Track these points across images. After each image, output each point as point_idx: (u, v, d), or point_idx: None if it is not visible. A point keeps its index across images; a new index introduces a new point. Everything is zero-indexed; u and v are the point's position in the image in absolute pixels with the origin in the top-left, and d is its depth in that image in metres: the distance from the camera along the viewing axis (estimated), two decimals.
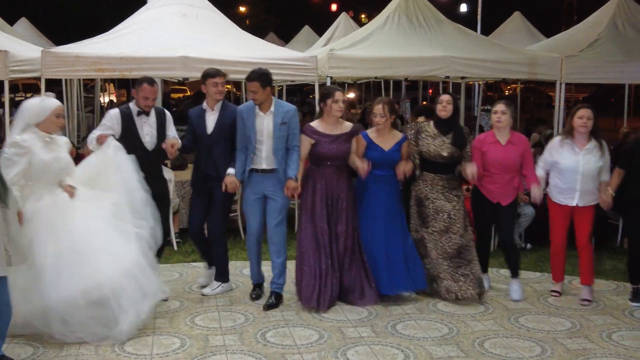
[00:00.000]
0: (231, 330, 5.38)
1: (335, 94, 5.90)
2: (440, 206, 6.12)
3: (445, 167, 6.14)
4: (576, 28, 11.41)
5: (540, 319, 5.74)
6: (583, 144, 6.03)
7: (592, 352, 5.03)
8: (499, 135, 6.17)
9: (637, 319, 5.75)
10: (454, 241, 6.10)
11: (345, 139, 5.98)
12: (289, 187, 5.86)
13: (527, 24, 16.14)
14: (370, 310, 5.87)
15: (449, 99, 6.14)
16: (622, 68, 9.08)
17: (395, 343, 5.16)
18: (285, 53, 8.69)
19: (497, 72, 9.21)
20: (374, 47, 8.76)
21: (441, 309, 5.95)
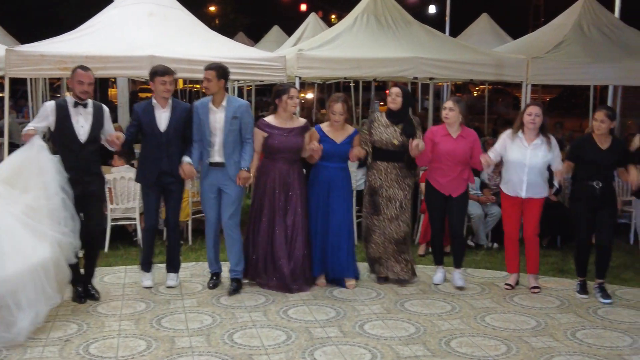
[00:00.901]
0: (198, 332, 5.34)
1: (290, 91, 6.31)
2: (393, 194, 6.47)
3: (397, 155, 6.43)
4: (542, 30, 11.57)
5: (506, 317, 5.80)
6: (531, 139, 6.32)
7: (556, 350, 5.09)
8: (450, 129, 6.43)
9: (601, 317, 5.83)
10: (402, 229, 6.52)
11: (298, 133, 6.33)
12: (240, 177, 6.19)
13: (494, 25, 16.31)
14: (338, 310, 5.88)
15: (398, 91, 6.46)
16: (587, 69, 9.22)
17: (363, 343, 5.17)
18: (253, 53, 8.66)
19: (465, 73, 9.29)
20: (343, 47, 8.78)
21: (408, 308, 5.98)
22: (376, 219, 6.51)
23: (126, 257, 7.48)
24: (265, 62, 8.13)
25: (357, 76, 11.64)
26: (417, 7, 27.37)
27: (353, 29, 9.15)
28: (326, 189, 6.39)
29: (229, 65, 7.86)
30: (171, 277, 6.46)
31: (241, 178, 6.19)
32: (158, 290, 6.35)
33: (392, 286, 6.56)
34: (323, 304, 6.04)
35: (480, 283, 6.78)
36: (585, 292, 6.35)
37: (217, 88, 6.14)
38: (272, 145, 6.27)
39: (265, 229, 6.32)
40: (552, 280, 6.89)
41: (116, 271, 6.97)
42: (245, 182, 6.28)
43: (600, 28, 9.97)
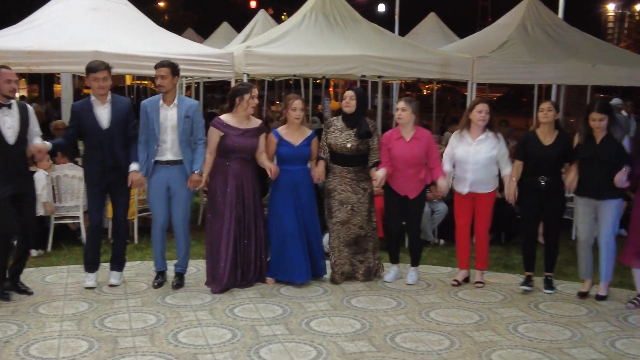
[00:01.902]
0: (141, 332, 5.27)
1: (253, 90, 6.22)
2: (345, 198, 6.42)
3: (352, 159, 6.39)
4: (488, 30, 11.76)
5: (450, 312, 5.88)
6: (476, 135, 6.38)
7: (498, 344, 5.19)
8: (403, 132, 6.44)
9: (542, 311, 5.96)
10: (353, 231, 6.47)
11: (253, 133, 6.27)
12: (191, 181, 6.13)
13: (441, 25, 16.52)
14: (285, 308, 5.87)
15: (351, 94, 6.42)
16: (531, 69, 9.42)
17: (309, 340, 5.18)
18: (201, 49, 8.59)
19: (412, 71, 9.39)
20: (291, 44, 8.77)
21: (355, 305, 6.02)
22: (330, 222, 6.50)
23: (69, 256, 7.33)
24: (213, 59, 8.07)
25: (305, 74, 11.64)
26: (367, 5, 27.56)
27: (301, 26, 9.15)
28: (293, 191, 6.35)
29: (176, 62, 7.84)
30: (114, 275, 6.36)
31: (192, 181, 6.12)
32: (101, 290, 6.24)
33: (340, 284, 6.58)
34: (270, 301, 6.03)
35: (426, 279, 6.85)
36: (530, 284, 6.45)
37: (172, 85, 6.08)
38: (227, 145, 6.18)
39: (221, 231, 6.20)
40: (496, 275, 7.02)
41: (58, 271, 6.83)
42: (197, 186, 6.20)
43: (544, 28, 10.20)
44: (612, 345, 5.22)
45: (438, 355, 4.94)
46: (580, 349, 5.13)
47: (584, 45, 10.15)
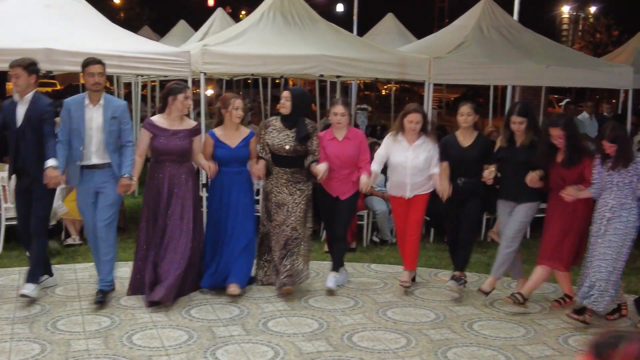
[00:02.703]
0: (95, 334, 5.18)
1: (187, 91, 6.00)
2: (282, 200, 6.24)
3: (290, 160, 6.23)
4: (444, 31, 11.85)
5: (407, 311, 5.92)
6: (413, 140, 6.34)
7: (454, 342, 5.24)
8: (336, 133, 6.38)
9: (497, 309, 6.05)
10: (285, 233, 6.26)
11: (186, 135, 6.03)
12: (121, 185, 5.81)
13: (399, 25, 16.60)
14: (242, 308, 5.84)
15: (287, 95, 6.26)
16: (486, 70, 9.51)
17: (266, 340, 5.16)
18: (156, 47, 8.47)
19: (370, 71, 9.40)
20: (249, 43, 8.70)
21: (312, 304, 6.01)
22: (270, 225, 6.32)
23: (21, 258, 7.15)
24: (169, 57, 7.95)
25: (263, 73, 11.60)
26: (325, 5, 27.60)
27: (259, 25, 9.08)
28: (227, 194, 6.18)
29: (130, 60, 7.73)
30: (27, 286, 5.76)
31: (122, 185, 5.80)
32: (54, 292, 6.12)
33: None
34: (227, 302, 5.98)
35: (384, 278, 6.90)
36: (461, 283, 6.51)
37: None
38: (156, 147, 5.96)
39: (148, 237, 5.99)
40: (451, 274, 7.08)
41: (10, 273, 6.68)
42: (127, 190, 5.88)
43: (499, 30, 10.29)
44: (565, 342, 5.32)
45: (394, 354, 4.97)
46: (534, 345, 5.22)
47: (538, 46, 10.29)
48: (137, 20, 27.79)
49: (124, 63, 7.71)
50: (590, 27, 36.29)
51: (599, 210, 5.61)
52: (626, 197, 5.50)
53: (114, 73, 7.33)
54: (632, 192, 5.50)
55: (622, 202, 5.50)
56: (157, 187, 5.99)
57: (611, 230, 5.51)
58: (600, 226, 5.57)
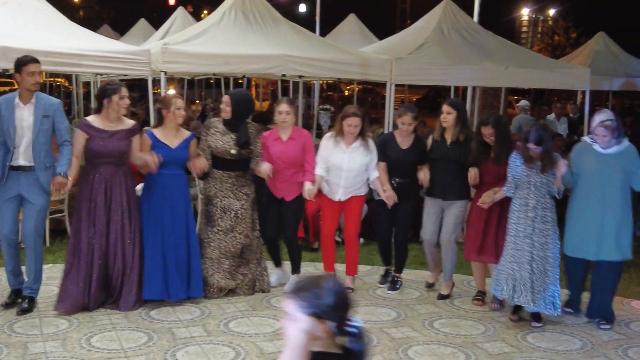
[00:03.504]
0: (53, 337, 5.10)
1: (122, 90, 5.70)
2: (228, 204, 6.09)
3: (234, 164, 6.08)
4: (406, 32, 11.94)
5: (369, 310, 5.95)
6: (350, 142, 6.29)
7: (414, 340, 5.28)
8: (281, 132, 6.27)
9: (457, 307, 6.11)
10: (239, 240, 6.11)
11: (124, 136, 5.74)
12: (55, 182, 5.56)
13: (361, 26, 16.68)
14: (203, 309, 5.80)
15: (227, 100, 6.11)
16: (447, 71, 9.62)
17: (227, 341, 5.13)
18: (116, 46, 8.37)
19: (332, 71, 9.43)
20: (210, 43, 8.65)
21: (274, 304, 6.00)
22: (210, 231, 6.11)
23: None
24: (128, 56, 7.87)
25: (225, 72, 11.53)
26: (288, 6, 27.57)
27: (221, 24, 9.04)
28: (166, 198, 5.87)
29: (88, 58, 7.62)
30: None
31: (56, 183, 5.53)
32: None
33: None
34: (188, 303, 5.93)
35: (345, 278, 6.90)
36: (387, 281, 6.66)
37: None
38: (93, 148, 5.65)
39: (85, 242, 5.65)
40: (413, 272, 7.14)
41: None
42: (61, 189, 5.66)
43: (459, 31, 10.41)
44: (523, 339, 5.40)
45: None
46: (493, 343, 5.28)
47: (497, 48, 10.44)
48: (97, 19, 27.42)
49: (83, 62, 7.61)
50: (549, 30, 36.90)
51: (522, 210, 5.65)
52: (544, 197, 5.63)
53: (72, 72, 7.23)
54: (548, 191, 5.63)
55: (542, 201, 5.61)
56: (93, 191, 5.67)
57: (541, 232, 5.59)
58: (526, 227, 5.61)
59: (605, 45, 15.37)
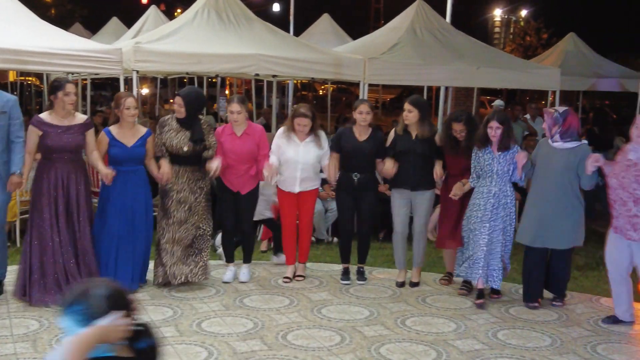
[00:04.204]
0: (23, 338, 5.04)
1: (66, 87, 5.78)
2: (184, 197, 6.26)
3: (189, 159, 6.26)
4: (379, 32, 11.97)
5: (341, 309, 5.98)
6: (302, 138, 6.56)
7: (387, 338, 5.31)
8: (235, 128, 6.46)
9: (429, 305, 6.16)
10: (190, 232, 6.31)
11: (78, 130, 5.88)
12: (12, 183, 5.69)
13: (335, 26, 16.69)
14: (176, 309, 5.78)
15: (180, 102, 6.23)
16: (419, 71, 9.67)
17: (200, 341, 5.12)
18: (87, 44, 8.28)
19: (305, 71, 9.43)
20: (183, 42, 8.60)
21: (247, 304, 6.00)
22: (165, 223, 6.27)
23: None
24: (100, 55, 7.78)
25: (198, 72, 11.49)
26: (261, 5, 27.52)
27: (193, 23, 8.98)
28: (122, 194, 6.05)
29: (59, 57, 7.53)
30: None
31: (12, 183, 5.66)
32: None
33: (232, 283, 6.56)
34: (160, 303, 5.92)
35: (319, 276, 6.93)
36: (348, 277, 6.76)
37: None
38: (48, 144, 5.74)
39: (43, 237, 5.76)
40: (386, 271, 7.18)
41: None
42: (17, 188, 5.74)
43: (432, 32, 10.47)
44: (494, 336, 5.46)
45: (328, 351, 5.01)
46: (464, 340, 5.34)
47: (469, 48, 10.51)
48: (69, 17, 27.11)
49: (53, 60, 7.51)
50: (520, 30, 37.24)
51: (483, 198, 6.08)
52: (505, 184, 6.07)
53: (42, 70, 7.14)
54: (508, 179, 6.06)
55: (502, 189, 6.06)
56: (50, 187, 5.76)
57: (497, 216, 6.04)
58: (486, 212, 6.05)
59: (576, 46, 15.56)
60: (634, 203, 5.40)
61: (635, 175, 5.38)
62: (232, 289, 6.40)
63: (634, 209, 5.40)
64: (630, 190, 5.41)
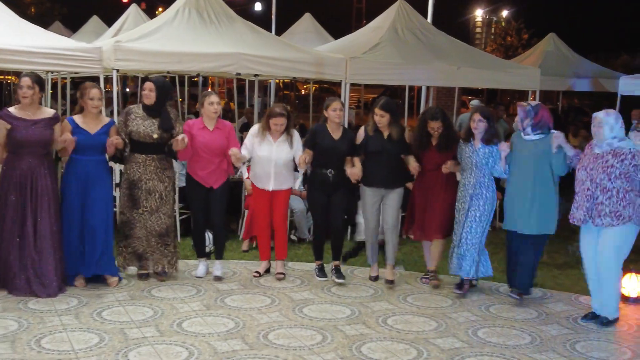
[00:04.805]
0: (2, 339, 4.98)
1: (21, 81, 5.91)
2: (152, 187, 6.36)
3: (156, 147, 6.36)
4: (361, 31, 11.99)
5: (323, 308, 5.98)
6: (276, 137, 6.66)
7: (368, 337, 5.32)
8: (207, 123, 6.54)
9: (410, 304, 6.18)
10: (163, 221, 6.43)
11: (46, 124, 5.96)
12: None
13: (316, 25, 16.70)
14: (156, 309, 5.75)
15: (151, 86, 6.36)
16: (401, 70, 9.70)
17: (180, 341, 5.09)
18: (67, 43, 8.22)
19: (287, 70, 9.43)
20: (163, 40, 8.56)
21: (229, 304, 5.98)
22: (136, 213, 6.36)
23: None
24: (80, 53, 7.74)
25: (179, 70, 11.44)
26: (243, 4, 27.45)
27: (174, 22, 8.95)
28: (84, 183, 6.11)
29: (39, 55, 7.48)
30: None
31: None
32: None
33: (212, 283, 6.54)
34: (140, 303, 5.88)
35: (300, 276, 6.92)
36: (324, 274, 6.80)
37: None
38: (17, 138, 5.83)
39: (11, 231, 5.87)
40: (367, 270, 7.16)
41: None
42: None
43: (413, 31, 10.51)
44: (474, 334, 5.49)
45: (310, 350, 5.00)
46: (445, 338, 5.36)
47: (450, 48, 10.57)
48: (49, 16, 26.87)
49: (33, 59, 7.47)
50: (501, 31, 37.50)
51: (463, 189, 6.40)
52: (484, 177, 6.31)
53: (22, 69, 7.07)
54: (488, 172, 6.29)
55: (481, 180, 6.30)
56: (16, 181, 5.85)
57: (474, 207, 6.30)
58: (464, 203, 6.35)
59: (556, 46, 15.71)
60: (600, 192, 5.66)
61: (603, 167, 5.65)
62: (213, 288, 6.38)
63: (601, 197, 5.67)
64: (597, 181, 5.67)
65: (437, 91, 15.47)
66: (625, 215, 5.61)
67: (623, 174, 5.60)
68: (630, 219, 5.62)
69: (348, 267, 7.28)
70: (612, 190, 5.61)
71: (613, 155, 5.63)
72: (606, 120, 5.65)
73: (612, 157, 5.63)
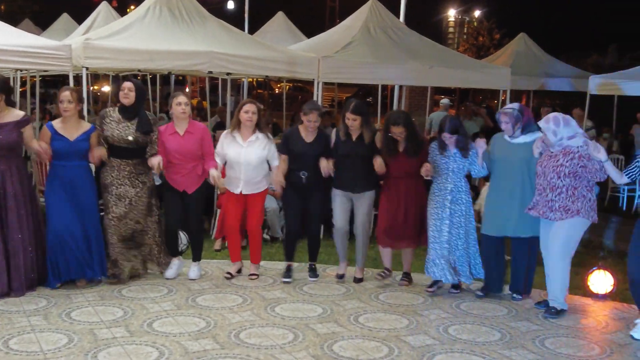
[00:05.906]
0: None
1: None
2: (123, 192, 6.29)
3: (131, 152, 6.29)
4: (333, 30, 12.01)
5: (295, 307, 5.97)
6: (247, 136, 6.57)
7: (340, 335, 5.33)
8: (177, 126, 6.44)
9: (382, 302, 6.20)
10: (129, 226, 6.38)
11: (12, 128, 5.87)
12: None
13: (290, 24, 16.68)
14: (126, 310, 5.70)
15: (130, 86, 6.30)
16: (373, 69, 9.72)
17: (151, 341, 5.06)
18: (35, 40, 8.09)
19: (259, 69, 9.39)
20: (134, 38, 8.47)
21: (200, 303, 5.95)
22: (107, 218, 6.32)
23: None
24: (49, 51, 7.62)
25: (150, 69, 11.34)
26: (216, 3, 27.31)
27: (145, 20, 8.86)
28: (71, 189, 6.07)
29: (6, 53, 7.36)
30: None
31: None
32: None
33: (184, 282, 6.51)
34: (110, 304, 5.83)
35: (273, 275, 6.92)
36: (289, 275, 6.75)
37: None
38: None
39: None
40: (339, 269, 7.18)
41: None
42: None
43: (385, 31, 10.54)
44: (445, 331, 5.52)
45: (281, 349, 5.00)
46: (416, 336, 5.39)
47: (422, 48, 10.62)
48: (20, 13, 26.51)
49: (1, 57, 7.34)
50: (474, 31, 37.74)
51: (440, 194, 6.31)
52: (460, 181, 6.31)
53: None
54: (463, 175, 6.31)
55: (459, 185, 6.29)
56: None
57: (456, 213, 6.26)
58: (445, 209, 6.26)
59: (526, 46, 15.86)
60: (550, 190, 5.82)
61: (554, 166, 5.78)
62: (185, 288, 6.34)
63: (550, 195, 5.83)
64: (548, 179, 5.82)
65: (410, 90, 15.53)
66: (573, 209, 5.77)
67: (572, 173, 5.74)
68: (578, 213, 5.77)
69: (320, 265, 7.27)
70: (561, 187, 5.77)
71: (563, 154, 5.77)
72: (546, 127, 5.78)
73: (562, 156, 5.77)
